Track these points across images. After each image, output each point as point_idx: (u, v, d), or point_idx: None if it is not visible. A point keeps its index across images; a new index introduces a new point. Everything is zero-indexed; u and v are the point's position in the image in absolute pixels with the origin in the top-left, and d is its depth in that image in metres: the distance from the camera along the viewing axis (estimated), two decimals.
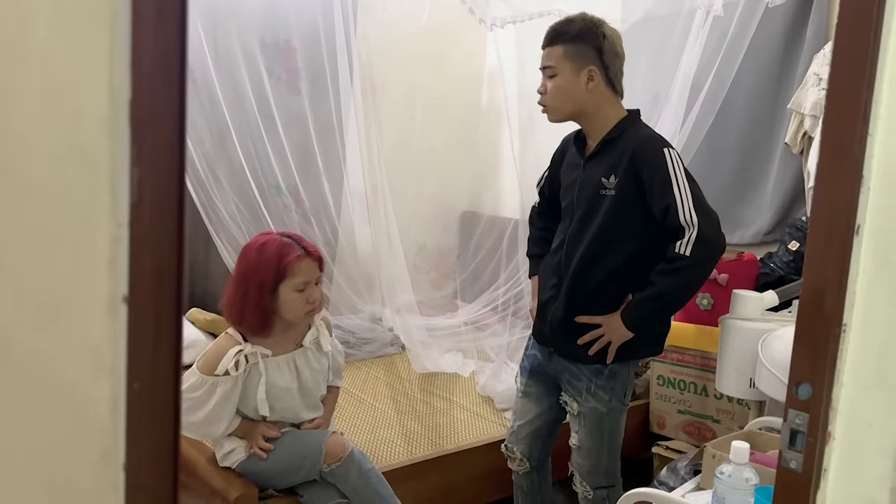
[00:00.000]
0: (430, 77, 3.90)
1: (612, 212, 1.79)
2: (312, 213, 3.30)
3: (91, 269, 0.33)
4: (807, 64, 3.07)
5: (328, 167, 3.37)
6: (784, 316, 1.99)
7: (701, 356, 2.70)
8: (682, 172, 1.75)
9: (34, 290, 0.32)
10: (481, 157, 4.26)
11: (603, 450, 1.93)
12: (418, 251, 3.83)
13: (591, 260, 1.83)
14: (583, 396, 1.89)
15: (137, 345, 0.37)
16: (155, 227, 0.37)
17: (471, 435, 2.66)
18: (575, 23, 1.81)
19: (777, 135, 3.21)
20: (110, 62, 0.32)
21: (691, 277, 1.74)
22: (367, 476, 1.91)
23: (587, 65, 1.79)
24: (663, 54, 2.98)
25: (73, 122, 0.32)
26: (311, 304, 1.90)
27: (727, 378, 1.90)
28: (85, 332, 0.34)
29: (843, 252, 0.88)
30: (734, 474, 1.37)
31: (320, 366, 2.04)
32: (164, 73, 0.36)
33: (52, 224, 0.33)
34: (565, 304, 1.87)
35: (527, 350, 2.08)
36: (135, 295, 0.36)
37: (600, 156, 1.84)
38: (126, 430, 0.36)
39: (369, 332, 3.55)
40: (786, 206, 3.19)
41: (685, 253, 1.71)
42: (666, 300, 1.77)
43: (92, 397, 0.35)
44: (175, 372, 0.42)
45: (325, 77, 3.28)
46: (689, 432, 2.79)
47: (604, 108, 1.84)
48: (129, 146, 0.34)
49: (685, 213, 1.71)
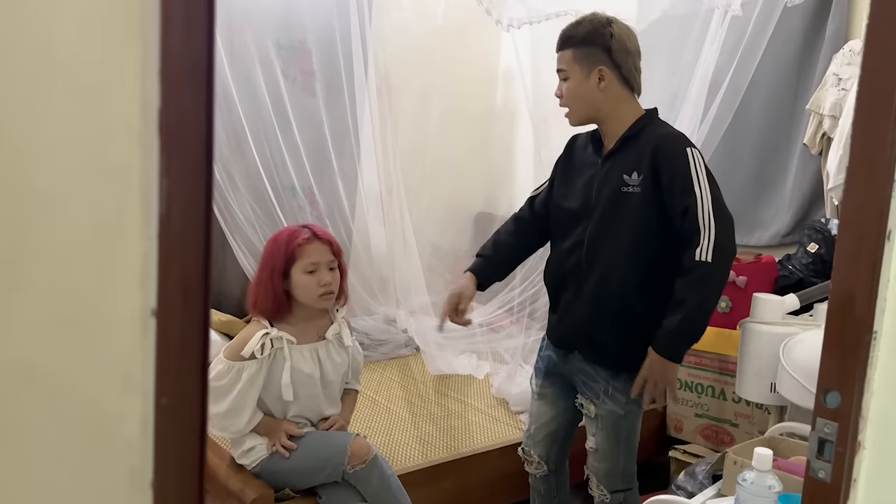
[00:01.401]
0: (445, 78, 3.89)
1: (637, 210, 1.76)
2: (327, 215, 3.30)
3: (121, 283, 0.33)
4: (826, 64, 3.03)
5: (343, 168, 3.37)
6: (805, 320, 1.96)
7: (719, 359, 2.67)
8: (703, 173, 1.71)
9: (62, 307, 0.32)
10: (495, 159, 4.25)
11: (620, 452, 1.91)
12: (433, 252, 3.82)
13: (619, 259, 1.79)
14: (600, 398, 1.87)
15: (166, 359, 0.36)
16: (183, 238, 0.36)
17: (486, 438, 2.64)
18: (583, 25, 1.81)
19: (795, 135, 3.17)
20: (142, 71, 0.31)
21: (718, 285, 1.71)
22: (388, 481, 1.91)
23: (596, 66, 1.78)
24: (681, 54, 2.95)
25: (102, 133, 0.31)
26: (323, 287, 1.93)
27: (747, 383, 1.87)
28: (113, 348, 0.33)
29: (873, 257, 0.86)
30: (757, 481, 1.35)
31: (341, 360, 2.06)
32: (193, 82, 0.35)
33: (81, 239, 0.32)
34: (591, 304, 1.84)
35: (541, 351, 2.06)
36: (163, 308, 0.35)
37: (620, 153, 1.81)
38: (154, 447, 0.35)
39: (383, 334, 3.55)
40: (804, 207, 3.15)
41: (707, 259, 1.66)
42: (703, 315, 1.71)
43: (120, 414, 0.34)
44: (202, 385, 0.41)
45: (341, 78, 3.28)
46: (706, 436, 2.77)
47: (620, 107, 1.82)
48: (158, 157, 0.33)
49: (703, 216, 1.67)
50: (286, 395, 1.92)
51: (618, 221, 1.79)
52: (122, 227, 0.32)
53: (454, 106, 4.01)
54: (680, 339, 1.72)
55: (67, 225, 0.31)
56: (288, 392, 1.92)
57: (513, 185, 4.30)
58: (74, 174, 0.31)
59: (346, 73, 3.24)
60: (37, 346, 0.31)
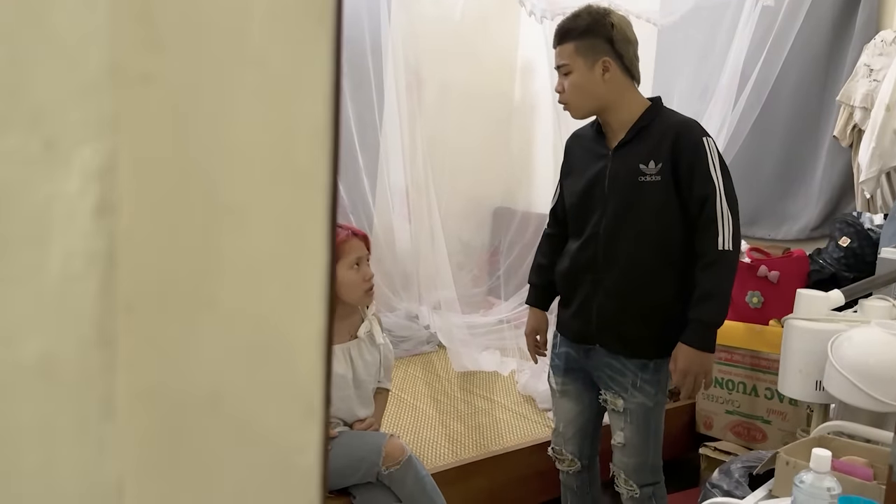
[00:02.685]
0: (463, 71, 3.86)
1: (659, 198, 1.76)
2: (351, 211, 3.28)
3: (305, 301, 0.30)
4: (856, 54, 2.99)
5: (367, 163, 3.34)
6: (850, 316, 1.93)
7: (751, 355, 2.64)
8: (719, 162, 1.74)
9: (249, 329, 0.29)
10: (514, 153, 4.22)
11: (650, 445, 1.90)
12: (460, 248, 3.80)
13: (642, 248, 1.78)
14: (628, 392, 1.85)
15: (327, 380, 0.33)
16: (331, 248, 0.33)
17: (515, 436, 2.62)
18: (581, 17, 1.80)
19: (825, 127, 3.13)
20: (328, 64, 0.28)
21: (734, 272, 1.75)
22: (423, 482, 1.89)
23: (600, 57, 1.77)
24: (712, 45, 2.91)
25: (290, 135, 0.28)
26: (368, 282, 1.94)
27: (791, 380, 1.84)
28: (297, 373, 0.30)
29: None
30: (815, 483, 1.32)
31: (373, 358, 2.04)
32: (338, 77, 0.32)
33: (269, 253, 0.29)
34: (615, 297, 1.82)
35: (555, 349, 2.04)
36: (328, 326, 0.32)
37: (633, 144, 1.80)
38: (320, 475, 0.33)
39: (405, 330, 3.53)
40: (834, 200, 3.11)
41: (729, 248, 1.70)
42: (728, 302, 1.76)
43: (299, 444, 0.31)
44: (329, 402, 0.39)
45: (369, 72, 3.25)
46: (737, 433, 2.74)
47: (625, 97, 1.82)
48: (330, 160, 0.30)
49: (721, 205, 1.70)
50: None
51: (637, 211, 1.78)
52: (306, 238, 0.29)
53: (473, 100, 3.98)
54: (713, 330, 1.76)
55: (255, 237, 0.28)
56: None
57: (531, 180, 4.28)
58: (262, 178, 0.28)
59: (375, 67, 3.22)
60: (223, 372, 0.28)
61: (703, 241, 1.73)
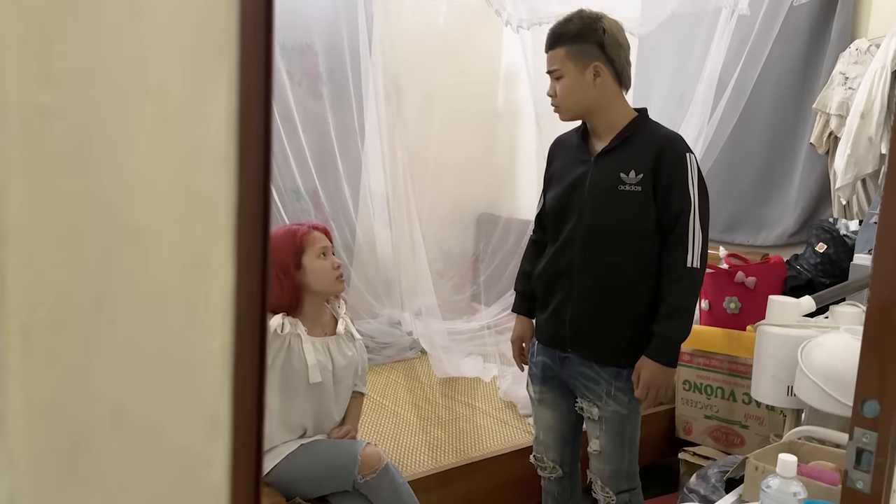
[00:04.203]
0: (447, 79, 3.88)
1: (638, 209, 1.77)
2: (332, 217, 3.28)
3: (208, 318, 0.31)
4: (832, 63, 3.03)
5: (348, 171, 3.34)
6: (821, 322, 1.95)
7: (729, 361, 2.66)
8: (697, 180, 1.76)
9: (151, 346, 0.30)
10: (498, 160, 4.23)
11: (625, 452, 1.91)
12: (440, 255, 3.81)
13: (617, 256, 1.80)
14: (603, 400, 1.86)
15: (240, 393, 0.34)
16: (250, 265, 0.34)
17: (496, 442, 2.63)
18: (573, 21, 1.80)
19: (802, 135, 3.16)
20: (228, 91, 0.29)
21: (699, 288, 1.79)
22: (399, 490, 1.88)
23: (591, 62, 1.78)
24: (689, 54, 2.94)
25: (191, 160, 0.29)
26: (337, 269, 1.97)
27: (764, 385, 1.86)
28: (201, 388, 0.31)
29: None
30: (781, 488, 1.33)
31: (352, 353, 2.06)
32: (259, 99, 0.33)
33: (172, 273, 0.30)
34: (588, 302, 1.84)
35: (533, 357, 2.04)
36: (238, 341, 0.33)
37: (615, 152, 1.81)
38: (231, 490, 0.33)
39: (388, 336, 3.53)
40: (811, 207, 3.14)
41: (696, 265, 1.73)
42: (692, 315, 1.80)
43: (206, 459, 0.32)
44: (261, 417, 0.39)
45: (348, 81, 3.26)
46: (716, 438, 2.75)
47: (613, 103, 1.83)
48: (236, 184, 0.31)
49: (693, 223, 1.73)
50: (314, 376, 1.91)
51: (615, 219, 1.79)
52: (210, 257, 0.30)
53: (457, 107, 3.99)
54: (677, 345, 1.78)
55: (157, 258, 0.29)
56: (315, 373, 1.91)
57: (515, 186, 4.29)
58: (161, 205, 0.29)
59: (353, 75, 3.22)
60: (125, 389, 0.29)
61: (672, 257, 1.75)
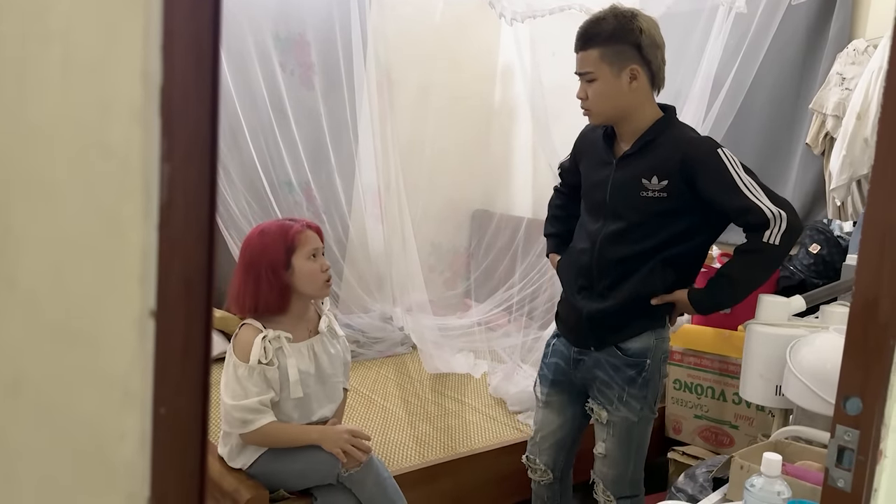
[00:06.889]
0: (443, 74, 3.86)
1: (661, 214, 1.70)
2: (324, 211, 3.26)
3: (120, 281, 0.29)
4: (829, 63, 3.01)
5: (340, 164, 3.32)
6: (811, 322, 1.94)
7: (720, 360, 2.64)
8: (741, 169, 1.67)
9: (54, 310, 0.28)
10: (494, 155, 4.22)
11: (630, 459, 1.87)
12: (431, 250, 3.79)
13: (640, 262, 1.74)
14: (613, 405, 1.82)
15: (165, 365, 0.32)
16: (187, 230, 0.32)
17: (484, 438, 2.61)
18: (607, 21, 1.67)
19: (798, 135, 3.14)
20: (143, 41, 0.28)
21: (774, 266, 1.72)
22: (383, 484, 1.87)
23: (628, 64, 1.67)
24: (685, 51, 2.92)
25: (99, 112, 0.27)
26: (325, 273, 1.93)
27: (752, 385, 1.84)
28: (111, 356, 0.29)
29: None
30: (765, 487, 1.32)
31: (336, 351, 2.03)
32: (198, 60, 0.32)
33: (76, 233, 0.28)
34: (605, 300, 1.80)
35: (546, 358, 1.99)
36: (163, 308, 0.31)
37: (637, 156, 1.74)
38: (152, 464, 0.31)
39: (379, 332, 3.51)
40: (806, 207, 3.13)
41: (775, 242, 1.63)
42: (747, 293, 1.75)
43: (118, 431, 0.30)
44: (204, 389, 0.38)
45: (340, 72, 3.24)
46: (705, 437, 2.74)
47: (644, 108, 1.74)
48: (159, 139, 0.29)
49: (769, 209, 1.64)
50: (295, 392, 1.87)
51: (634, 225, 1.73)
52: (121, 216, 0.29)
53: (452, 102, 3.98)
54: (715, 308, 1.83)
55: (61, 216, 0.27)
56: (297, 389, 1.87)
57: (510, 182, 4.28)
58: (68, 159, 0.27)
59: (346, 66, 3.20)
60: (24, 355, 0.27)
61: (748, 233, 1.69)
